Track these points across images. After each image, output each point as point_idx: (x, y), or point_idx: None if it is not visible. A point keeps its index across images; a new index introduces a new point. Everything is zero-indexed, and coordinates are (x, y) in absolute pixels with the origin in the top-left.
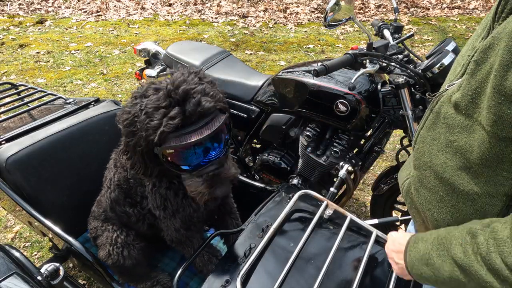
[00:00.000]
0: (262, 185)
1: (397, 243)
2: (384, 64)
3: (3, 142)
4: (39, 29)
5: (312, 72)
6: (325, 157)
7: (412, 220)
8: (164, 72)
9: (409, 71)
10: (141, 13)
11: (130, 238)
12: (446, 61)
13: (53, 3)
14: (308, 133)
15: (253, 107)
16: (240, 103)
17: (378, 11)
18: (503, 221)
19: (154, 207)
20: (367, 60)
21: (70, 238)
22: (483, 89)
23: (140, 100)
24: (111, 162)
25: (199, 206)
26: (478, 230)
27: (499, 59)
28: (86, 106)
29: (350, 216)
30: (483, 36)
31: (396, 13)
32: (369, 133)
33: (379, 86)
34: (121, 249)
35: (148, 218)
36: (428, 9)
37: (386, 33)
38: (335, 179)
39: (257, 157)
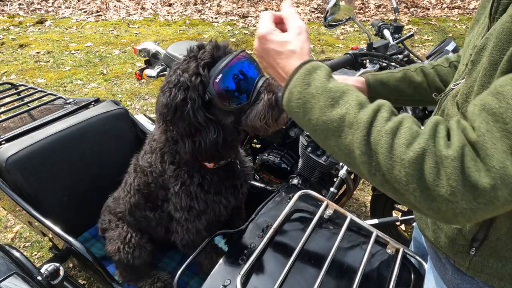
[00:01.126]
0: (262, 185)
1: (293, 60)
2: (384, 64)
3: (3, 142)
4: (39, 29)
5: None
6: (325, 157)
7: (415, 218)
8: (164, 72)
9: None
10: (141, 13)
11: (144, 240)
12: None
13: (53, 3)
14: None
15: None
16: None
17: (378, 11)
18: (413, 119)
19: (177, 209)
20: (367, 60)
21: (70, 238)
22: (473, 88)
23: (170, 75)
24: (131, 167)
25: (230, 203)
26: (386, 106)
27: (488, 58)
28: (86, 106)
29: (350, 216)
30: (483, 34)
31: (396, 13)
32: None
33: None
34: (132, 249)
35: (165, 220)
36: (428, 9)
37: (386, 33)
38: (335, 179)
39: (257, 157)
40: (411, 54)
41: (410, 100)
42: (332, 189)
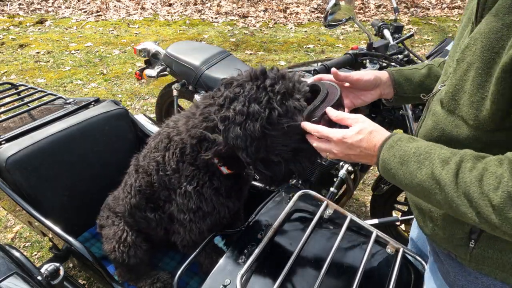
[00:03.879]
0: (262, 185)
1: (376, 134)
2: (384, 64)
3: (3, 142)
4: (39, 29)
5: (312, 72)
6: None
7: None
8: (165, 72)
9: None
10: (141, 13)
11: (139, 239)
12: None
13: (53, 3)
14: None
15: None
16: None
17: (378, 11)
18: (499, 158)
19: (182, 210)
20: (367, 60)
21: (70, 238)
22: (461, 86)
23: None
24: (132, 167)
25: (235, 205)
26: (468, 156)
27: (480, 58)
28: (86, 106)
29: (350, 216)
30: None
31: (396, 13)
32: None
33: None
34: (128, 248)
35: (165, 221)
36: (428, 9)
37: (386, 33)
38: (335, 179)
39: None
40: (411, 54)
41: None
42: (332, 189)
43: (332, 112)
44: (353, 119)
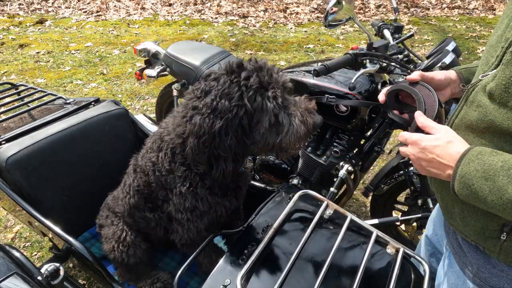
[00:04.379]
0: (262, 185)
1: (453, 145)
2: (384, 64)
3: (3, 142)
4: (39, 29)
5: (312, 72)
6: (325, 157)
7: (438, 204)
8: (165, 72)
9: (409, 71)
10: (141, 13)
11: (138, 239)
12: (447, 60)
13: (53, 3)
14: None
15: None
16: None
17: (378, 11)
18: None
19: (179, 210)
20: (367, 60)
21: (70, 238)
22: None
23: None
24: (130, 167)
25: (231, 204)
26: None
27: None
28: (86, 106)
29: (350, 216)
30: None
31: (396, 13)
32: (369, 133)
33: (379, 86)
34: (127, 247)
35: (164, 220)
36: (428, 9)
37: (386, 33)
38: (335, 179)
39: (257, 157)
40: (411, 54)
41: None
42: (332, 189)
43: (420, 118)
44: (437, 129)
